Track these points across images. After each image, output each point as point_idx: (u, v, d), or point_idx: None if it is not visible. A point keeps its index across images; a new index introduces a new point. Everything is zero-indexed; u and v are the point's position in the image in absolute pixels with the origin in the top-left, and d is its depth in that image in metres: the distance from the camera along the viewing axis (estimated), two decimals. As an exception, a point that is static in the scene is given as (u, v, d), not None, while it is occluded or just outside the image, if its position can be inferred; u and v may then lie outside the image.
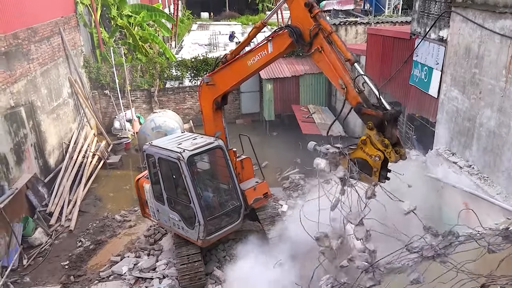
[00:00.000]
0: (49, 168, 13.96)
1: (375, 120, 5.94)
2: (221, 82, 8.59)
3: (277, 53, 7.59)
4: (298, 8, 6.96)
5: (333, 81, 6.65)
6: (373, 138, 5.93)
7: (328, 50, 6.63)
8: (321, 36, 6.67)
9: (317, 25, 6.67)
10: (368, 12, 28.69)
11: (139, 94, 19.15)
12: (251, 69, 8.03)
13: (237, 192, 9.14)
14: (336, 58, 6.56)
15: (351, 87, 6.29)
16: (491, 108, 7.37)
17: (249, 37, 8.13)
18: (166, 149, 8.71)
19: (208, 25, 38.99)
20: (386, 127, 5.88)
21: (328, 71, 6.70)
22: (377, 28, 14.24)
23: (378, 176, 5.98)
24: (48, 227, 11.64)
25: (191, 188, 8.40)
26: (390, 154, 5.80)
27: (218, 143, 8.82)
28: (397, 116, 5.89)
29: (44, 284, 9.67)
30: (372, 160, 5.97)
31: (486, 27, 7.35)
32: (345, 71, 6.45)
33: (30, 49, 13.42)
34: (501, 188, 7.18)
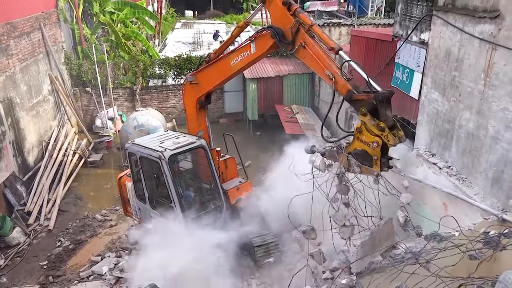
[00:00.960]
0: (28, 166, 13.69)
1: (367, 105, 5.81)
2: (204, 81, 8.56)
3: (259, 53, 7.58)
4: (277, 8, 6.98)
5: (320, 74, 6.63)
6: (368, 124, 5.76)
7: (311, 43, 6.63)
8: (302, 31, 6.68)
9: (296, 21, 6.68)
10: (351, 14, 28.92)
11: (121, 92, 18.92)
12: (234, 69, 8.00)
13: (219, 192, 9.13)
14: (320, 50, 6.55)
15: (339, 76, 6.26)
16: (470, 111, 7.52)
17: (232, 36, 8.13)
18: (147, 148, 8.65)
19: (192, 24, 38.76)
20: (379, 110, 5.75)
21: (314, 64, 6.69)
22: (360, 30, 14.40)
23: (379, 165, 5.79)
24: (26, 226, 11.41)
25: (171, 187, 8.37)
26: (388, 137, 5.62)
27: (200, 142, 8.80)
28: (389, 96, 5.77)
29: (21, 285, 9.49)
30: (370, 149, 5.79)
31: (466, 31, 7.49)
32: (330, 61, 6.44)
33: (9, 45, 13.13)
34: (479, 189, 7.33)
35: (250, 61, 7.80)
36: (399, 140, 5.66)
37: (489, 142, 7.03)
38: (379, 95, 5.67)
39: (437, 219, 7.99)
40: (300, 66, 18.91)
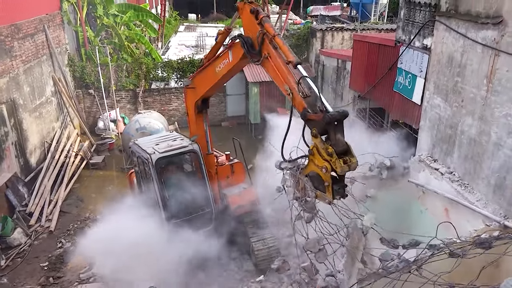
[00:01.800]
0: (30, 168, 13.71)
1: (318, 126, 5.36)
2: (199, 85, 8.57)
3: (235, 62, 7.39)
4: (246, 16, 6.83)
5: (281, 88, 6.32)
6: (319, 146, 5.33)
7: (274, 55, 6.39)
8: (266, 41, 6.47)
9: (262, 30, 6.48)
10: (354, 19, 29.02)
11: (124, 94, 18.97)
12: (219, 75, 7.89)
13: (209, 198, 9.12)
14: (281, 63, 6.28)
15: (296, 92, 5.90)
16: (472, 116, 7.52)
17: (218, 43, 8.05)
18: (142, 148, 8.82)
19: (195, 27, 38.89)
20: (329, 133, 5.31)
21: (275, 77, 6.43)
22: (363, 35, 14.41)
23: (331, 192, 5.33)
24: (27, 227, 11.42)
25: (156, 189, 8.49)
26: (335, 164, 5.12)
27: (192, 147, 8.85)
28: (339, 119, 5.26)
29: (22, 286, 9.49)
30: (323, 173, 5.34)
31: (468, 36, 7.50)
32: (290, 76, 6.12)
33: (13, 46, 13.19)
34: (481, 195, 7.32)
35: (230, 68, 7.64)
36: (348, 168, 5.16)
37: (491, 148, 7.03)
38: (326, 116, 5.19)
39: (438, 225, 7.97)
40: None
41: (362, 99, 13.16)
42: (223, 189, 9.75)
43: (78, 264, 10.19)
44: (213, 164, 9.39)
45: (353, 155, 5.25)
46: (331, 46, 18.26)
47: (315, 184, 5.48)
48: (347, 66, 14.75)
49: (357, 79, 13.45)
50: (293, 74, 6.09)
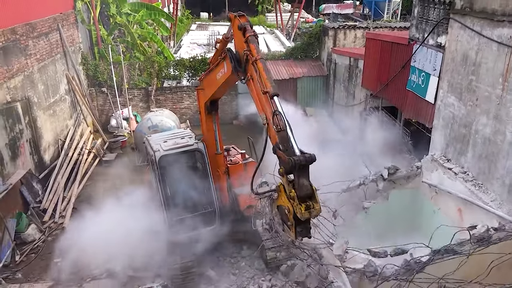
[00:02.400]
0: (44, 165, 13.89)
1: (286, 166, 5.03)
2: (206, 88, 8.51)
3: (229, 74, 7.06)
4: (235, 30, 6.49)
5: (259, 114, 5.98)
6: (285, 186, 5.11)
7: (255, 79, 5.97)
8: (250, 63, 6.05)
9: (247, 50, 6.08)
10: (367, 17, 28.82)
11: (136, 92, 19.10)
12: (220, 82, 7.65)
13: (213, 198, 9.12)
14: (260, 90, 5.81)
15: (271, 124, 5.47)
16: (487, 115, 7.41)
17: (217, 50, 7.77)
18: (150, 145, 8.96)
19: (207, 25, 38.95)
20: (294, 176, 5.00)
21: (255, 102, 6.06)
22: (375, 33, 14.31)
23: (294, 232, 5.12)
24: (41, 223, 11.58)
25: (159, 186, 8.54)
26: (296, 209, 4.90)
27: (198, 146, 8.87)
28: (304, 165, 4.93)
29: (36, 281, 9.62)
30: (286, 212, 5.14)
31: (484, 34, 7.39)
32: (267, 105, 5.66)
33: (28, 45, 13.37)
34: (495, 195, 7.22)
35: (226, 78, 7.33)
36: (309, 215, 4.89)
37: (506, 148, 6.92)
38: (290, 161, 4.87)
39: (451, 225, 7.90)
40: (314, 69, 18.88)
41: (375, 98, 13.07)
42: (235, 188, 9.74)
43: (90, 261, 10.30)
44: (222, 164, 9.36)
45: (317, 201, 4.99)
46: (344, 44, 18.14)
47: (283, 218, 5.30)
48: (359, 65, 14.66)
49: (370, 77, 13.36)
50: (270, 104, 5.64)
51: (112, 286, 9.28)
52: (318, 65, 19.11)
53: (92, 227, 9.43)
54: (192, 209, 9.13)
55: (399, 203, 9.51)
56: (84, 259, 9.64)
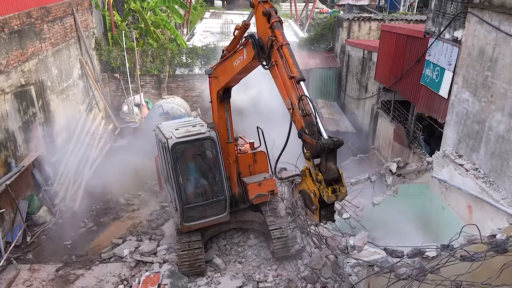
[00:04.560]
0: (56, 148, 14.05)
1: (312, 150, 5.22)
2: (220, 76, 8.47)
3: (249, 61, 7.10)
4: (259, 17, 6.47)
5: (283, 100, 6.08)
6: (311, 170, 5.25)
7: (280, 65, 6.08)
8: (275, 48, 6.13)
9: (271, 36, 6.14)
10: (382, 9, 28.43)
11: (148, 79, 19.16)
12: (237, 69, 7.68)
13: (224, 186, 9.17)
14: (286, 75, 5.98)
15: (297, 109, 5.64)
16: (501, 112, 7.31)
17: (235, 37, 7.80)
18: (162, 132, 9.00)
19: (221, 14, 38.77)
20: (321, 160, 5.17)
21: (279, 88, 6.15)
22: (391, 25, 14.11)
23: (318, 215, 5.26)
24: (52, 206, 11.76)
25: (172, 174, 8.64)
26: (323, 192, 5.05)
27: (210, 134, 8.88)
28: (332, 148, 5.09)
29: (46, 262, 9.81)
30: (312, 195, 5.25)
31: (502, 29, 7.25)
32: (293, 90, 5.83)
33: (42, 29, 13.45)
34: (507, 193, 7.15)
35: (245, 66, 7.36)
36: (335, 198, 5.06)
37: (520, 146, 6.83)
38: (319, 145, 5.06)
39: (460, 223, 7.86)
40: (327, 60, 18.72)
41: (387, 91, 12.94)
42: (243, 177, 9.78)
43: (99, 244, 10.47)
44: (232, 153, 9.39)
45: (343, 185, 5.11)
46: (358, 36, 17.95)
47: (306, 203, 5.39)
48: (373, 57, 14.51)
49: (383, 70, 13.22)
50: (296, 89, 5.81)
51: (119, 269, 9.42)
52: (331, 57, 18.95)
53: None
54: (203, 197, 9.23)
55: (408, 197, 9.46)
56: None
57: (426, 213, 9.54)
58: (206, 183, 9.53)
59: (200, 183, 9.50)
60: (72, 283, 9.10)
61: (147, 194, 12.46)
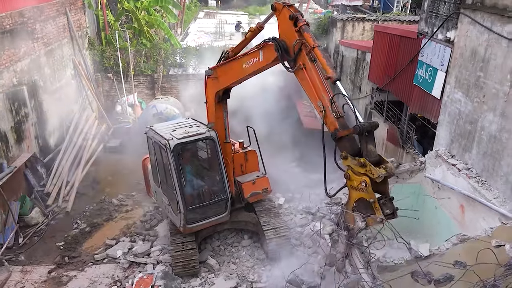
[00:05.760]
0: (48, 149, 13.98)
1: (348, 146, 5.46)
2: (222, 77, 8.48)
3: (266, 63, 7.24)
4: (284, 20, 6.58)
5: (312, 102, 6.21)
6: (352, 165, 5.37)
7: (309, 67, 6.19)
8: (303, 52, 6.25)
9: (300, 39, 6.25)
10: (376, 9, 28.54)
11: (142, 79, 19.08)
12: (246, 72, 7.79)
13: (225, 185, 9.17)
14: (317, 77, 6.10)
15: (329, 111, 5.80)
16: (493, 113, 7.35)
17: (246, 39, 7.92)
18: (159, 134, 8.87)
19: (215, 14, 38.73)
20: (361, 144, 5.35)
21: (308, 91, 6.26)
22: (384, 26, 14.16)
23: (379, 208, 5.23)
24: (45, 207, 11.68)
25: (174, 175, 8.54)
26: (371, 171, 5.12)
27: (210, 134, 8.86)
28: (370, 129, 5.32)
29: (38, 264, 9.73)
30: (364, 193, 5.27)
31: (494, 30, 7.30)
32: (325, 93, 5.97)
33: (35, 28, 13.36)
34: (499, 193, 7.19)
35: (258, 68, 7.50)
36: (385, 171, 5.14)
37: (511, 146, 6.88)
38: (357, 127, 5.28)
39: (453, 222, 7.90)
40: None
41: (381, 92, 12.98)
42: (237, 176, 9.80)
43: (92, 245, 10.40)
44: (229, 153, 9.41)
45: (387, 161, 5.26)
46: (351, 36, 17.99)
47: (363, 211, 5.36)
48: (366, 58, 14.55)
49: (377, 71, 13.26)
50: (327, 92, 5.96)
51: (113, 270, 9.38)
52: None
53: None
54: (206, 198, 9.21)
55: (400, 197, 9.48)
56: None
57: (419, 213, 9.57)
58: (207, 183, 9.52)
59: (202, 183, 9.49)
60: (65, 284, 9.03)
61: (140, 194, 12.40)
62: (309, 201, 10.92)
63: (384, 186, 5.39)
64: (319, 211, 7.75)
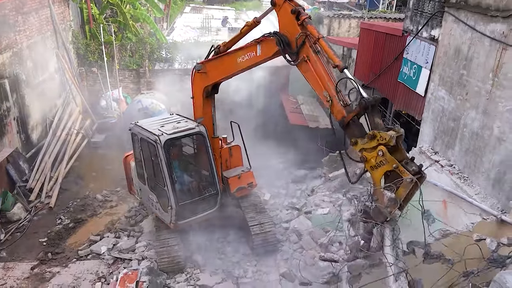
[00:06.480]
0: (31, 143, 13.74)
1: (357, 131, 5.55)
2: (212, 72, 8.43)
3: (264, 57, 7.32)
4: (285, 15, 6.67)
5: (319, 93, 6.31)
6: (364, 145, 5.41)
7: (313, 59, 6.32)
8: (307, 44, 6.37)
9: (303, 33, 6.36)
10: (362, 7, 28.69)
11: (127, 74, 18.86)
12: (240, 66, 7.81)
13: (215, 180, 9.16)
14: (322, 68, 6.22)
15: (336, 100, 5.93)
16: (476, 110, 7.48)
17: (241, 33, 7.92)
18: (147, 130, 8.76)
19: (201, 8, 38.46)
20: (368, 119, 5.51)
21: (313, 82, 6.37)
22: (370, 23, 14.27)
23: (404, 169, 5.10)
24: (27, 203, 11.50)
25: (165, 171, 8.46)
26: (383, 136, 5.19)
27: (199, 129, 8.83)
28: (373, 104, 5.51)
29: (20, 260, 9.59)
30: (385, 164, 5.21)
31: (477, 29, 7.42)
32: (330, 82, 6.10)
33: (17, 20, 13.08)
34: (480, 189, 7.33)
35: (255, 62, 7.55)
36: (395, 132, 5.24)
37: (493, 143, 7.01)
38: (362, 101, 5.46)
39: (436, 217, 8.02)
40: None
41: (366, 88, 13.09)
42: (223, 171, 9.80)
43: (76, 241, 10.30)
44: (217, 147, 9.42)
45: (395, 130, 5.34)
46: (338, 33, 18.09)
47: (392, 188, 5.26)
48: (352, 54, 14.65)
49: (362, 67, 13.36)
50: (333, 81, 6.08)
51: (97, 266, 9.30)
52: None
53: None
54: (197, 193, 9.17)
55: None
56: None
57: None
58: (198, 179, 9.48)
59: (193, 179, 9.44)
60: (48, 281, 8.92)
61: (125, 190, 12.29)
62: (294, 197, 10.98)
63: (400, 152, 5.36)
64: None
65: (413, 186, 5.15)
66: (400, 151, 5.38)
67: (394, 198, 5.15)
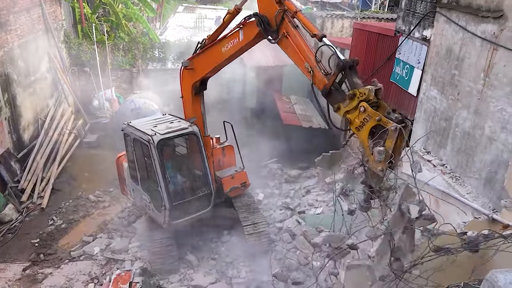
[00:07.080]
0: (23, 144, 13.63)
1: (340, 97, 5.53)
2: (199, 66, 8.47)
3: (246, 41, 7.43)
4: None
5: (300, 67, 6.44)
6: (347, 107, 5.40)
7: (292, 33, 6.47)
8: (286, 20, 6.53)
9: (281, 9, 6.52)
10: (355, 7, 28.77)
11: (120, 73, 18.78)
12: (225, 55, 7.88)
13: (209, 179, 9.15)
14: (301, 41, 6.38)
15: (317, 70, 6.06)
16: (467, 110, 7.54)
17: (224, 23, 7.96)
18: (140, 130, 8.73)
19: (194, 8, 38.37)
20: (347, 80, 5.53)
21: (294, 56, 6.52)
22: (363, 23, 14.32)
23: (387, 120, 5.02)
24: (19, 203, 11.41)
25: (159, 172, 8.44)
26: (362, 91, 5.23)
27: (193, 129, 8.81)
28: (351, 65, 5.54)
29: (12, 261, 9.52)
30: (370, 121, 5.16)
31: (468, 29, 7.47)
32: (310, 54, 6.24)
33: (8, 20, 12.97)
34: (471, 188, 7.39)
35: (238, 49, 7.65)
36: (371, 85, 5.27)
37: (484, 142, 7.07)
38: (340, 62, 5.50)
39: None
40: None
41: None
42: (216, 171, 9.79)
43: (69, 242, 10.24)
44: (209, 146, 9.40)
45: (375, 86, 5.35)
46: (330, 33, 18.13)
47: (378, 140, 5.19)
48: (345, 54, 14.68)
49: (355, 67, 13.39)
50: (313, 52, 6.20)
51: (90, 267, 9.25)
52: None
53: None
54: (190, 193, 9.15)
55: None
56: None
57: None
58: (191, 178, 9.45)
59: (186, 178, 9.42)
60: (40, 282, 8.86)
61: (118, 190, 12.25)
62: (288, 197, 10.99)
63: (382, 107, 5.37)
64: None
65: (399, 135, 5.10)
66: (382, 106, 5.40)
67: (382, 150, 5.10)
